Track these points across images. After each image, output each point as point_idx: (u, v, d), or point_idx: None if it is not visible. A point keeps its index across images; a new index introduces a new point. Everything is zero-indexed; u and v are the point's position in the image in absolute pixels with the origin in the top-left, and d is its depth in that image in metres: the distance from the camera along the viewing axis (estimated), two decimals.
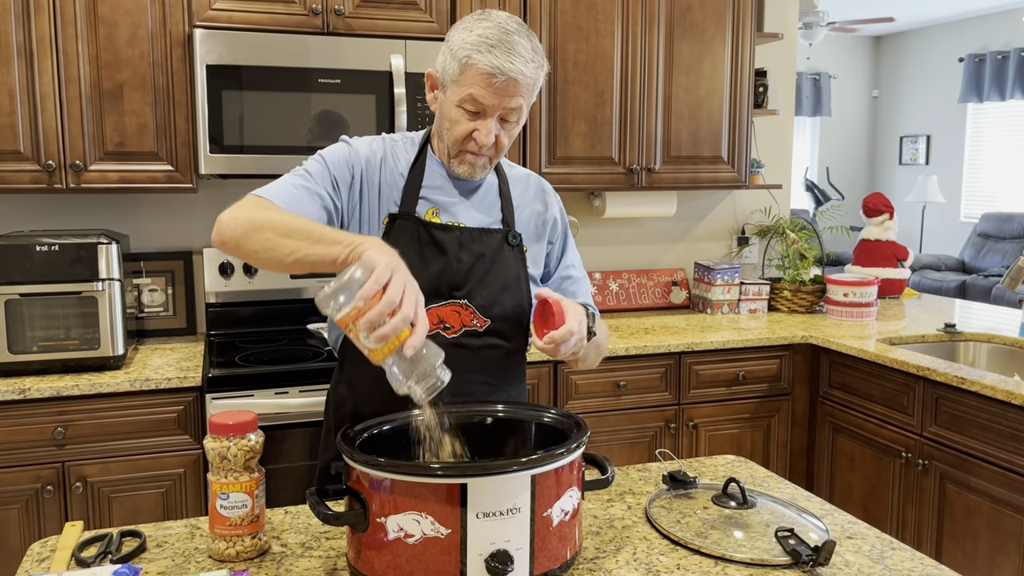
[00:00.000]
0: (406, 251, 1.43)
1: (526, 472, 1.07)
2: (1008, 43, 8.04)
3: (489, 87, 1.39)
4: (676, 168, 3.10)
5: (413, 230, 1.49)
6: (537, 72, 1.44)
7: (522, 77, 1.40)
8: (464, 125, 1.44)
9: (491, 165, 1.53)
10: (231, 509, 1.19)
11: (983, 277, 7.30)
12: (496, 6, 2.79)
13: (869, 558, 1.23)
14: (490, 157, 1.50)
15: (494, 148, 1.48)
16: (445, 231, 1.50)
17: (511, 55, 1.38)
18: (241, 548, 1.20)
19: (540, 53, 1.45)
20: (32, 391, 2.21)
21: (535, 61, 1.42)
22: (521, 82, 1.40)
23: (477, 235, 1.52)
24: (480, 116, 1.43)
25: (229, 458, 1.18)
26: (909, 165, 9.18)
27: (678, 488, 1.42)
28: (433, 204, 1.52)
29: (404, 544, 1.06)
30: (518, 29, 1.42)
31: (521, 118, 1.48)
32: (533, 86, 1.45)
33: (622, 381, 2.77)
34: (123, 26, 2.44)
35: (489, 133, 1.44)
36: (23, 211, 2.75)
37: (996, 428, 2.29)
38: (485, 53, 1.38)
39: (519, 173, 1.66)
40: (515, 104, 1.42)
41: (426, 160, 1.54)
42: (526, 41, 1.41)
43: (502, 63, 1.37)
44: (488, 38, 1.39)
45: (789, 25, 3.60)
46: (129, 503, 2.33)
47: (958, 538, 2.43)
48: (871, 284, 3.19)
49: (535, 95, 1.49)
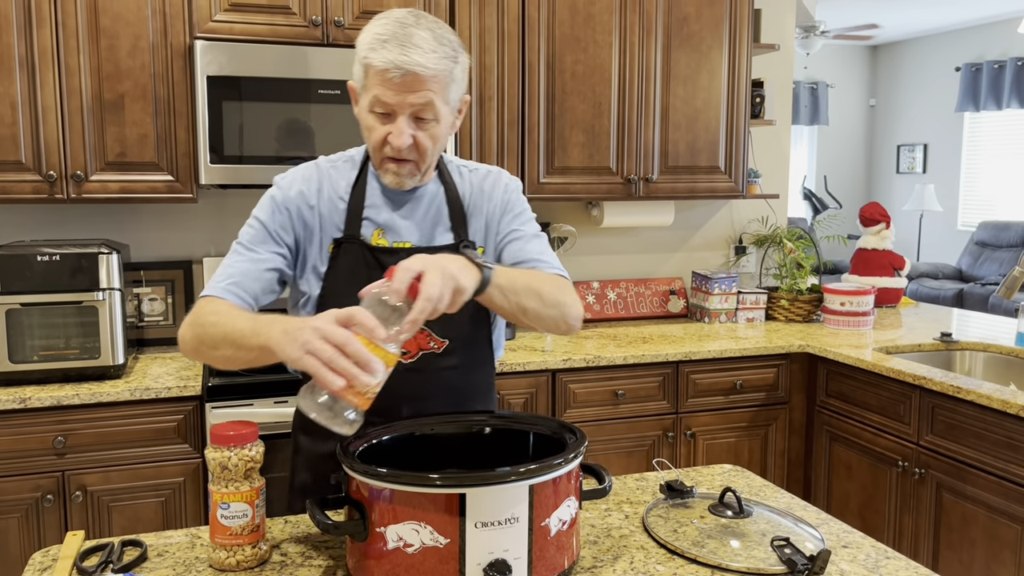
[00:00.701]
0: (353, 275, 1.40)
1: (524, 482, 1.09)
2: (1004, 53, 8.08)
3: (389, 84, 1.31)
4: (673, 178, 3.11)
5: (358, 254, 1.43)
6: (444, 63, 1.33)
7: (421, 69, 1.30)
8: (378, 131, 1.37)
9: (421, 171, 1.42)
10: (232, 519, 1.20)
11: (980, 285, 7.32)
12: (495, 16, 2.81)
13: (864, 567, 1.24)
14: (415, 162, 1.40)
15: (416, 152, 1.38)
16: (391, 254, 1.43)
17: (405, 48, 1.30)
18: (241, 557, 1.21)
19: (450, 44, 1.35)
20: (32, 400, 2.22)
21: (438, 51, 1.32)
22: (422, 74, 1.31)
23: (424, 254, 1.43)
24: (390, 118, 1.35)
25: (230, 468, 1.19)
26: (906, 174, 9.21)
27: (675, 497, 1.43)
28: (378, 225, 1.45)
29: (403, 553, 1.07)
30: (417, 22, 1.33)
31: (440, 114, 1.37)
32: (444, 79, 1.34)
33: (620, 390, 2.78)
34: (124, 38, 2.45)
35: (401, 134, 1.34)
36: (24, 221, 2.76)
37: (992, 437, 2.30)
38: (379, 50, 1.31)
39: (476, 177, 1.55)
40: (422, 100, 1.33)
41: (367, 178, 1.47)
42: (425, 32, 1.32)
43: (395, 57, 1.29)
44: (381, 35, 1.32)
45: (786, 36, 3.62)
46: (129, 512, 2.33)
47: (955, 547, 2.44)
48: (868, 293, 3.20)
49: (455, 90, 1.38)
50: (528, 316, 1.34)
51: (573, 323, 1.42)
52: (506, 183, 1.55)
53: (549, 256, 1.51)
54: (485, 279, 1.24)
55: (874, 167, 9.67)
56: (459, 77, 1.39)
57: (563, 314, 1.39)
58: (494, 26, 2.82)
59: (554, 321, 1.39)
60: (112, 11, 2.43)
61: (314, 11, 2.59)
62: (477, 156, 2.85)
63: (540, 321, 1.37)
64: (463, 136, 2.82)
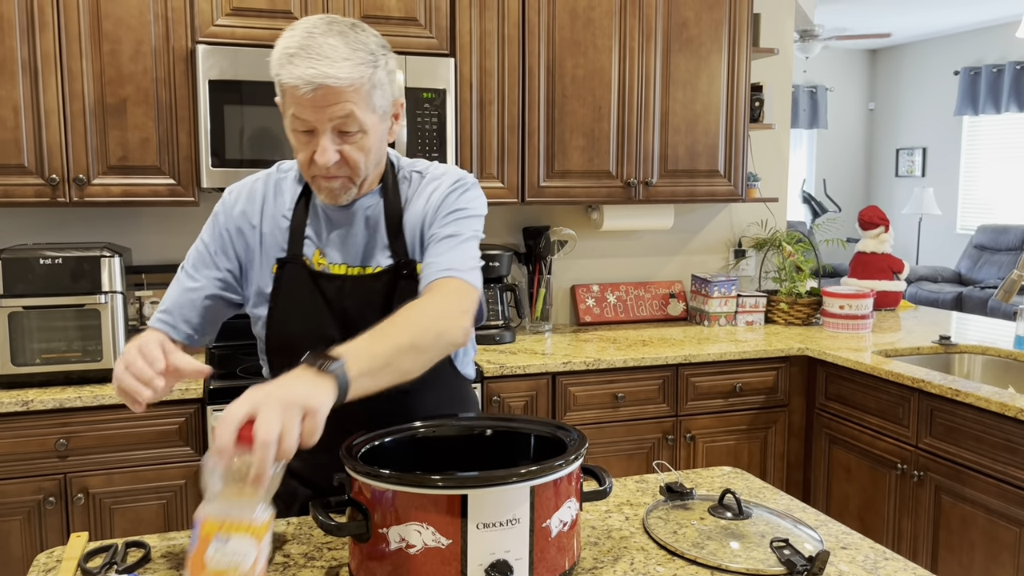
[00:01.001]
0: (297, 298, 1.38)
1: (525, 483, 1.10)
2: (1003, 56, 8.11)
3: (303, 101, 1.23)
4: (673, 182, 3.13)
5: (300, 276, 1.38)
6: (359, 70, 1.23)
7: (334, 80, 1.21)
8: (304, 150, 1.29)
9: (355, 186, 1.34)
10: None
11: (979, 289, 7.33)
12: (496, 21, 2.83)
13: (863, 568, 1.25)
14: (348, 177, 1.31)
15: (347, 167, 1.30)
16: (329, 279, 1.38)
17: (313, 60, 1.21)
18: None
19: (365, 47, 1.25)
20: (35, 403, 2.23)
21: (352, 58, 1.23)
22: (335, 86, 1.22)
23: (361, 281, 1.37)
24: (314, 135, 1.27)
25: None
26: (905, 177, 9.23)
27: (675, 499, 1.44)
28: (317, 244, 1.39)
29: (405, 554, 1.08)
30: (327, 29, 1.24)
31: (366, 126, 1.28)
32: (362, 87, 1.24)
33: (620, 393, 2.79)
34: (127, 42, 2.47)
35: (325, 151, 1.26)
36: (27, 224, 2.77)
37: (991, 440, 2.31)
38: (287, 66, 1.22)
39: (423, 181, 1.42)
40: (342, 112, 1.24)
41: (311, 194, 1.40)
42: (336, 40, 1.23)
43: (303, 71, 1.21)
44: (288, 48, 1.23)
45: (785, 40, 3.64)
46: (131, 514, 2.34)
47: (954, 549, 2.45)
48: (867, 296, 3.21)
49: (380, 96, 1.29)
50: (416, 373, 1.19)
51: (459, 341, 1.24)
52: (438, 183, 1.41)
53: (447, 259, 1.33)
54: (342, 384, 1.05)
55: (873, 171, 9.69)
56: (383, 81, 1.29)
57: (446, 344, 1.22)
58: (494, 30, 2.83)
59: (441, 353, 1.23)
60: (114, 16, 2.45)
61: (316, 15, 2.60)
62: (477, 160, 2.86)
63: (430, 363, 1.21)
64: (463, 140, 2.83)
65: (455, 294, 1.28)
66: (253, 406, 0.98)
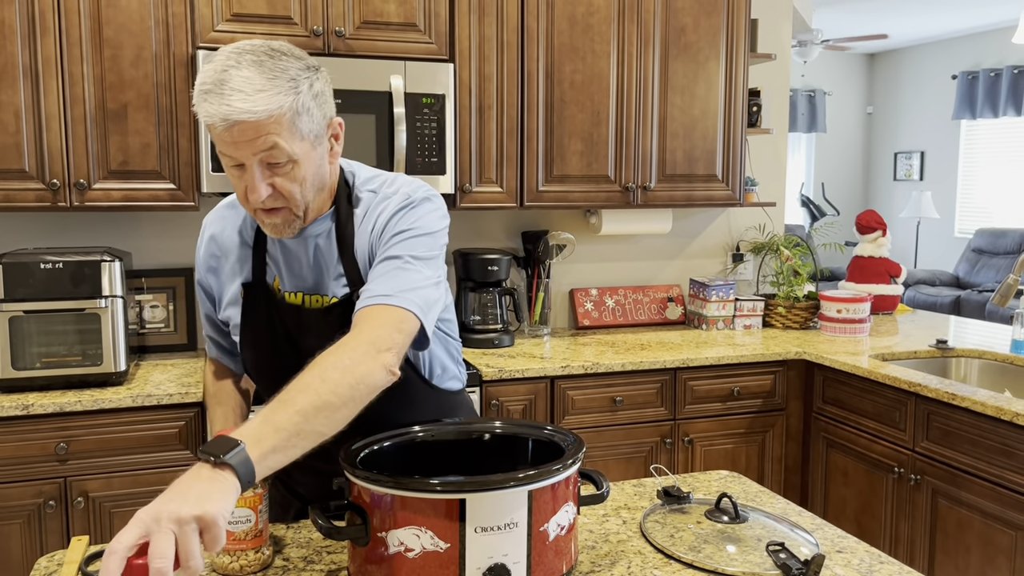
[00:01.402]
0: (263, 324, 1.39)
1: (523, 488, 1.11)
2: (1000, 61, 8.13)
3: (223, 138, 1.18)
4: (671, 186, 3.14)
5: (263, 301, 1.38)
6: (276, 99, 1.17)
7: (249, 115, 1.15)
8: (238, 184, 1.24)
9: (299, 216, 1.28)
10: (235, 524, 1.22)
11: (977, 292, 7.35)
12: (495, 27, 2.84)
13: (858, 572, 1.26)
14: (289, 208, 1.26)
15: (282, 199, 1.24)
16: (287, 310, 1.36)
17: (224, 96, 1.15)
18: (244, 562, 1.23)
19: (284, 74, 1.19)
20: (35, 407, 2.24)
21: (268, 89, 1.16)
22: (252, 120, 1.16)
23: (316, 315, 1.34)
24: (244, 170, 1.22)
25: None
26: (903, 181, 9.25)
27: (672, 503, 1.45)
28: (275, 272, 1.38)
29: (404, 558, 1.09)
30: (239, 60, 1.17)
31: (296, 155, 1.21)
32: (282, 117, 1.18)
33: (618, 396, 2.80)
34: (128, 48, 2.48)
35: (255, 186, 1.21)
36: (27, 229, 2.78)
37: (987, 444, 2.32)
38: (202, 103, 1.17)
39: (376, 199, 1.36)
40: (265, 145, 1.18)
41: None
42: (249, 71, 1.16)
43: (217, 109, 1.15)
44: (203, 84, 1.17)
45: (782, 46, 3.65)
46: (130, 518, 2.35)
47: (950, 552, 2.46)
48: (864, 300, 3.22)
49: (307, 120, 1.22)
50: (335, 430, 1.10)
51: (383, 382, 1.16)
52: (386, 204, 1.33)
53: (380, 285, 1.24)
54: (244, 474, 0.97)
55: (871, 174, 9.71)
56: (307, 106, 1.21)
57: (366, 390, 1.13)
58: (493, 36, 2.85)
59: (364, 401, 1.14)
60: (115, 21, 2.46)
61: (315, 21, 2.62)
62: (476, 164, 2.87)
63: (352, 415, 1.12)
64: (462, 145, 2.85)
65: (380, 327, 1.18)
66: (143, 530, 0.89)
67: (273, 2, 2.58)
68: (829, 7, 7.26)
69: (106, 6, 2.45)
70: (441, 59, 2.77)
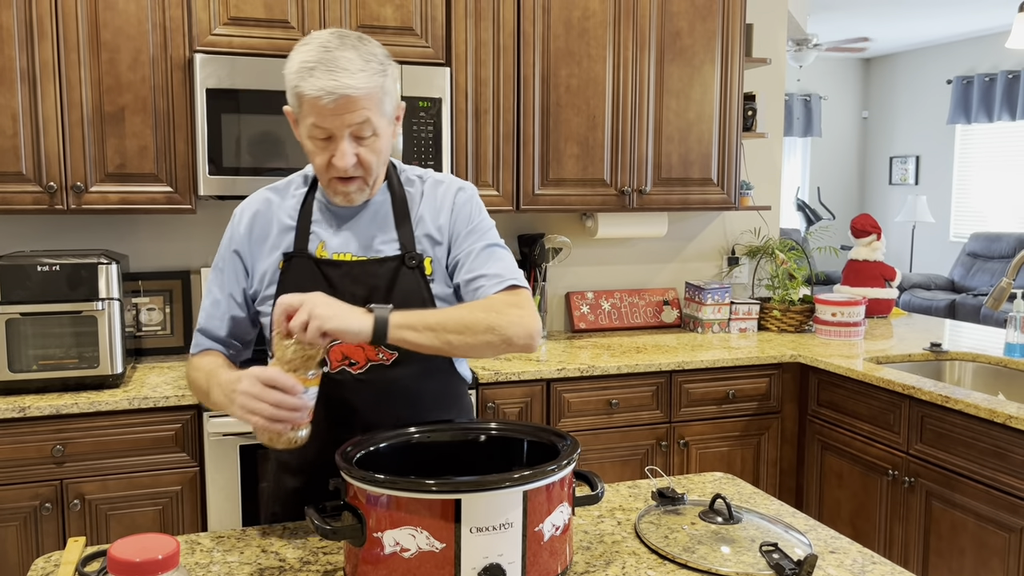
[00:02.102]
0: (301, 286, 1.43)
1: (518, 488, 1.11)
2: (995, 66, 8.16)
3: (323, 110, 1.33)
4: (667, 190, 3.15)
5: (305, 267, 1.47)
6: (373, 79, 1.35)
7: (352, 90, 1.32)
8: (321, 155, 1.39)
9: (369, 186, 1.45)
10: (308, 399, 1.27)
11: (972, 296, 7.37)
12: (491, 31, 2.85)
13: (850, 572, 1.27)
14: (362, 178, 1.42)
15: (361, 168, 1.40)
16: (334, 266, 1.46)
17: (333, 72, 1.32)
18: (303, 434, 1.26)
19: (377, 58, 1.37)
20: (32, 409, 2.24)
21: (367, 69, 1.34)
22: (354, 95, 1.33)
23: (368, 266, 1.46)
24: (332, 141, 1.37)
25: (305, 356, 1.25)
26: (899, 185, 9.28)
27: (667, 504, 1.46)
28: (321, 238, 1.49)
29: (400, 558, 1.10)
30: (340, 44, 1.34)
31: (379, 129, 1.39)
32: (376, 94, 1.36)
33: (614, 399, 2.81)
34: (125, 51, 2.49)
35: (344, 155, 1.37)
36: (24, 231, 2.79)
37: (980, 446, 2.33)
38: (308, 78, 1.32)
39: (427, 186, 1.54)
40: (359, 119, 1.35)
41: (315, 194, 1.51)
42: (350, 52, 1.34)
43: (325, 83, 1.31)
44: (307, 62, 1.33)
45: (778, 50, 3.67)
46: (127, 520, 2.35)
47: (944, 555, 2.47)
48: (859, 304, 3.24)
49: (389, 102, 1.40)
50: (458, 350, 1.33)
51: (520, 342, 1.36)
52: (457, 192, 1.52)
53: (499, 267, 1.46)
54: (380, 323, 1.26)
55: (867, 179, 9.74)
56: (391, 89, 1.40)
57: (503, 337, 1.34)
58: (490, 40, 2.86)
59: (493, 347, 1.34)
60: (113, 25, 2.47)
61: (312, 25, 2.63)
62: (473, 168, 2.88)
63: (475, 350, 1.34)
64: (459, 148, 2.86)
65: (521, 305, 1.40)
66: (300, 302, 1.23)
67: (270, 6, 2.59)
68: (824, 12, 7.29)
69: (103, 10, 2.46)
70: (437, 63, 2.78)
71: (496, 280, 1.43)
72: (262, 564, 1.28)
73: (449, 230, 1.50)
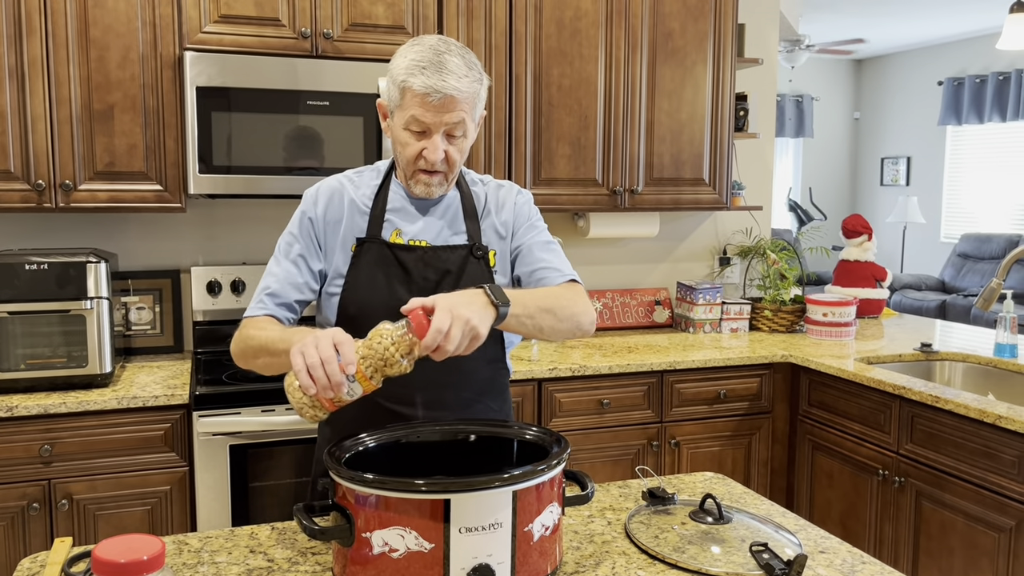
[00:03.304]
0: (373, 272, 1.57)
1: (508, 488, 1.11)
2: (986, 67, 8.20)
3: (427, 106, 1.47)
4: (658, 190, 3.15)
5: (378, 251, 1.58)
6: (473, 86, 1.50)
7: (457, 92, 1.46)
8: (413, 146, 1.52)
9: (448, 181, 1.58)
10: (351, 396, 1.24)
11: (963, 297, 7.40)
12: (483, 30, 2.85)
13: (840, 572, 1.27)
14: (444, 174, 1.56)
15: (446, 164, 1.54)
16: (408, 251, 1.58)
17: (442, 73, 1.45)
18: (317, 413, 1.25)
19: (476, 68, 1.52)
20: (19, 409, 2.22)
21: (469, 76, 1.49)
22: (457, 97, 1.47)
23: (441, 252, 1.59)
24: (426, 135, 1.50)
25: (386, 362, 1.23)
26: (890, 186, 9.31)
27: (657, 504, 1.46)
28: (396, 226, 1.60)
29: (389, 559, 1.09)
30: (449, 49, 1.49)
31: (468, 131, 1.53)
32: (472, 100, 1.51)
33: (605, 399, 2.81)
34: (114, 49, 2.47)
35: (436, 149, 1.50)
36: (12, 230, 2.77)
37: (970, 446, 2.34)
38: (418, 75, 1.45)
39: (490, 188, 1.70)
40: (456, 118, 1.49)
41: (390, 185, 1.63)
42: (458, 59, 1.48)
43: (434, 82, 1.45)
44: (420, 61, 1.46)
45: (769, 51, 3.67)
46: (115, 520, 2.34)
47: (934, 555, 2.47)
48: (850, 304, 3.24)
49: (479, 108, 1.55)
50: (545, 333, 1.48)
51: (588, 328, 1.56)
52: (518, 194, 1.71)
53: (560, 263, 1.64)
54: (501, 315, 1.34)
55: (858, 179, 9.77)
56: (483, 97, 1.55)
57: (577, 324, 1.52)
58: (482, 39, 2.85)
59: (570, 332, 1.52)
60: (102, 22, 2.45)
61: (303, 23, 2.62)
62: (464, 167, 2.87)
63: (557, 335, 1.50)
64: None
65: (584, 296, 1.58)
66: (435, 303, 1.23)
67: (261, 4, 2.58)
68: (816, 13, 7.31)
69: (93, 7, 2.44)
70: None
71: (558, 273, 1.62)
72: (250, 564, 1.27)
73: (512, 225, 1.67)
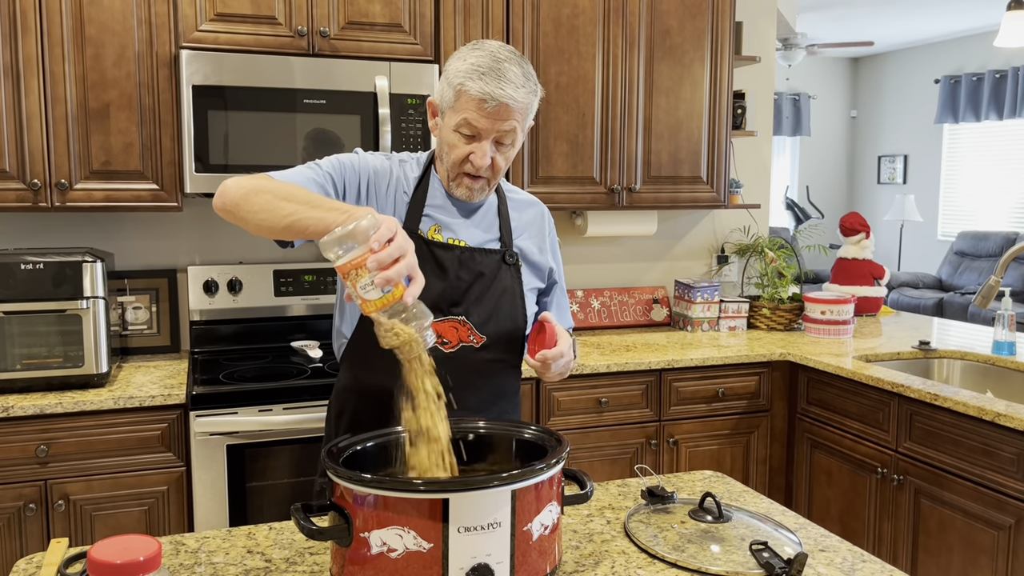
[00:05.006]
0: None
1: (506, 487, 1.10)
2: (983, 65, 8.20)
3: (481, 111, 1.47)
4: (656, 188, 3.15)
5: (416, 245, 1.52)
6: (529, 97, 1.50)
7: (513, 102, 1.47)
8: (461, 148, 1.52)
9: (490, 187, 1.59)
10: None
11: (960, 295, 7.41)
12: (480, 28, 2.84)
13: (840, 570, 1.26)
14: (488, 179, 1.56)
15: (491, 170, 1.54)
16: (446, 249, 1.58)
17: (501, 81, 1.45)
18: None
19: (532, 79, 1.52)
20: (15, 409, 2.21)
21: (526, 87, 1.49)
22: (512, 106, 1.47)
23: (477, 254, 1.60)
24: (476, 139, 1.50)
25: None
26: (887, 184, 9.31)
27: (656, 503, 1.45)
28: (436, 222, 1.60)
29: (387, 558, 1.09)
30: (509, 57, 1.49)
31: (516, 140, 1.54)
32: (526, 110, 1.51)
33: (604, 398, 2.80)
34: (110, 47, 2.46)
35: (484, 155, 1.50)
36: (8, 229, 2.76)
37: (968, 444, 2.33)
38: (476, 80, 1.45)
39: (522, 197, 1.74)
40: (508, 127, 1.49)
41: (430, 179, 1.62)
42: (517, 68, 1.48)
43: (492, 89, 1.45)
44: (480, 66, 1.46)
45: (767, 48, 3.67)
46: (112, 521, 2.33)
47: (932, 552, 2.47)
48: (848, 302, 3.24)
49: (530, 119, 1.55)
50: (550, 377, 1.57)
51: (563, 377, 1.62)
52: (547, 217, 1.76)
53: (566, 314, 1.78)
54: None
55: (855, 177, 9.77)
56: (534, 108, 1.55)
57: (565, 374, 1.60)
58: (479, 37, 2.84)
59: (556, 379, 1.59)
60: (98, 20, 2.44)
61: (300, 22, 2.61)
62: None
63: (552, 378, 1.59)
64: None
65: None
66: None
67: (257, 2, 2.57)
68: (813, 11, 7.31)
69: (88, 5, 2.43)
70: (426, 60, 2.76)
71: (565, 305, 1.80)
72: (248, 565, 1.27)
73: (546, 248, 1.73)
